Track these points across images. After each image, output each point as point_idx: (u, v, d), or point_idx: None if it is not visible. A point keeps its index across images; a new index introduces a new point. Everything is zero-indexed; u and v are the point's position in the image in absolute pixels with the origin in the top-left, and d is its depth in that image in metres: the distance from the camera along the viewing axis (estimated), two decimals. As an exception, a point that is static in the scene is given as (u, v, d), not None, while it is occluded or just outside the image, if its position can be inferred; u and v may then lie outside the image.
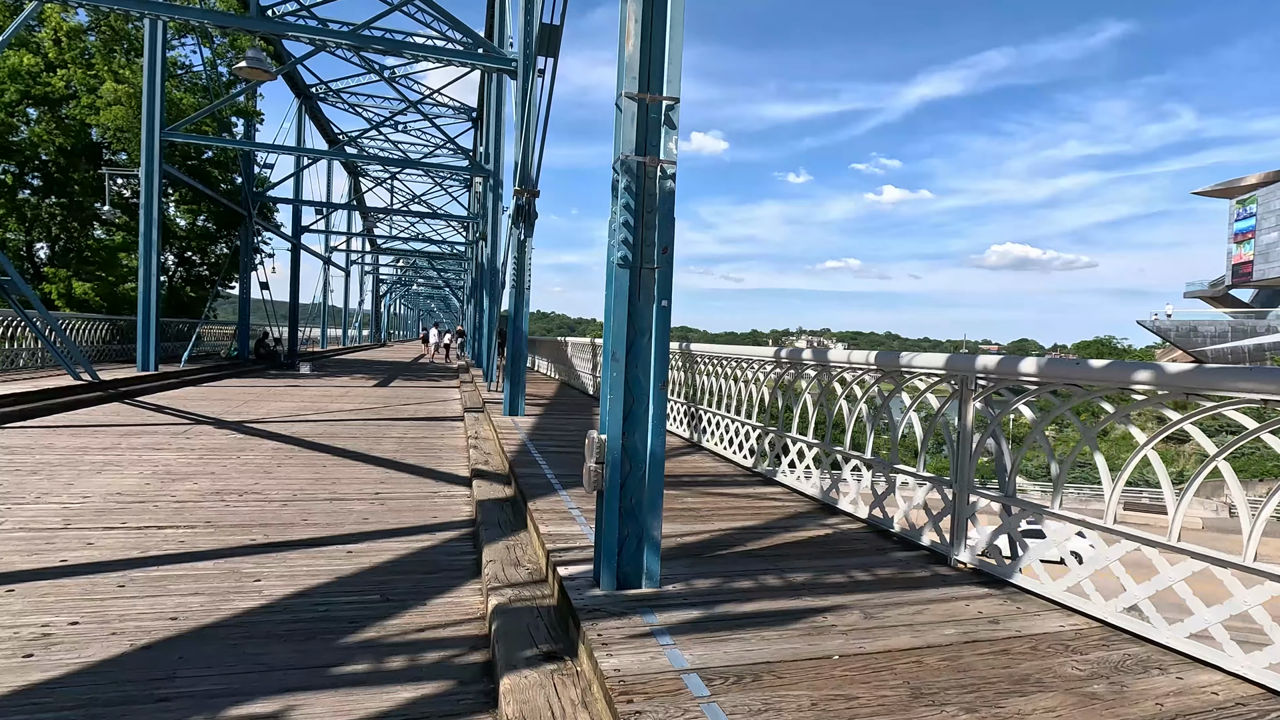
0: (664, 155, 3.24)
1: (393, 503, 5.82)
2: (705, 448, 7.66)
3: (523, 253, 9.62)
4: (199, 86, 19.04)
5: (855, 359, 4.83)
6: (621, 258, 3.18)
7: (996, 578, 3.54)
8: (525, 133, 9.40)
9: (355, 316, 48.51)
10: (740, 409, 6.80)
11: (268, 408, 11.78)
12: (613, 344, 3.20)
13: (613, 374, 3.20)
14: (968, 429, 3.74)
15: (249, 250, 21.01)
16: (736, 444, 6.83)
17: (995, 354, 34.64)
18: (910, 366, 4.24)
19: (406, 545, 4.69)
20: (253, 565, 4.14)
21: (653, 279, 3.25)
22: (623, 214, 3.19)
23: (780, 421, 6.01)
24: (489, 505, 5.35)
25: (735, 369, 6.94)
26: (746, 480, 6.08)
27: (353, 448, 8.33)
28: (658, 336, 3.26)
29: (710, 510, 4.94)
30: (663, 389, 3.27)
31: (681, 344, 8.49)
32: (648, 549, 3.27)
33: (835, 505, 4.99)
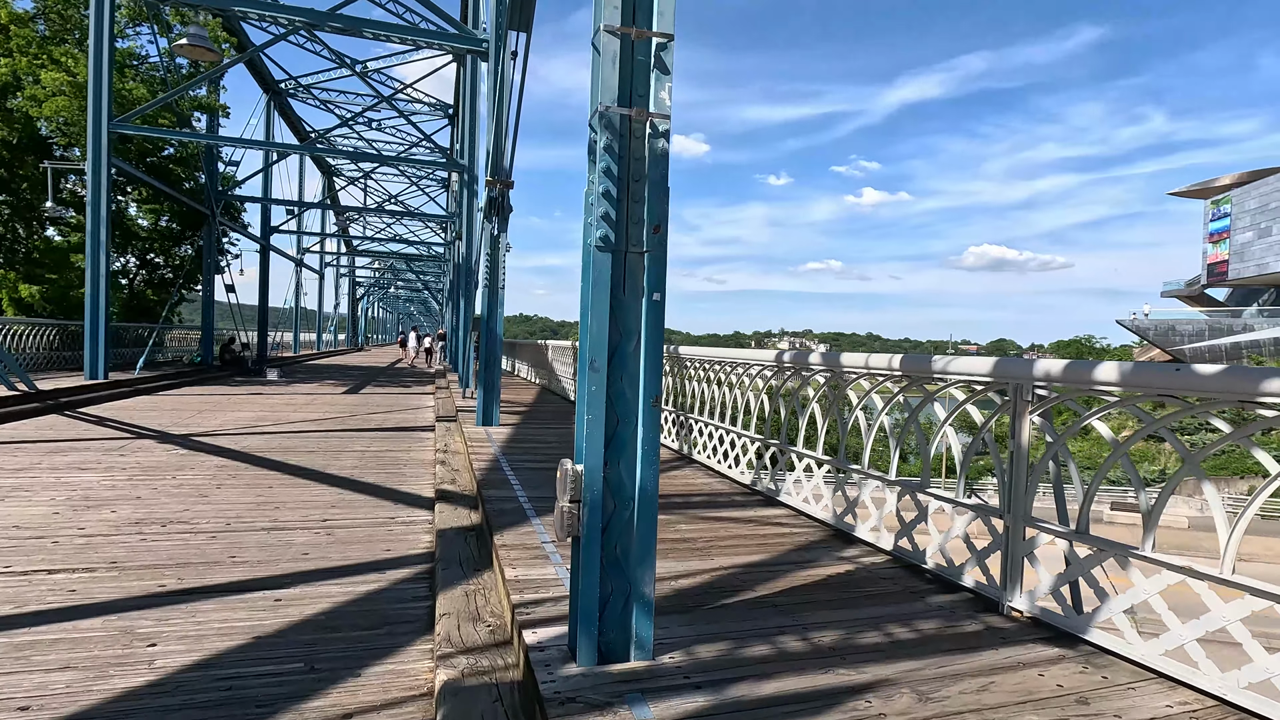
0: (654, 107, 2.54)
1: (341, 532, 5.06)
2: (697, 460, 6.97)
3: (496, 249, 8.88)
4: (156, 79, 18.04)
5: (875, 364, 4.17)
6: (601, 238, 2.48)
7: (1064, 632, 2.88)
8: (497, 120, 8.67)
9: (330, 320, 47.27)
10: (737, 418, 6.12)
11: (223, 418, 10.90)
12: (591, 349, 2.49)
13: (591, 387, 2.50)
14: (1023, 448, 3.08)
15: (212, 251, 20.00)
16: (733, 457, 6.15)
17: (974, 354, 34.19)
18: (946, 373, 3.58)
19: (349, 589, 3.94)
20: (152, 623, 3.38)
21: (641, 266, 2.55)
22: (602, 182, 2.49)
23: (784, 433, 5.34)
24: (451, 536, 4.62)
25: (731, 374, 6.27)
26: (746, 501, 5.40)
27: (308, 464, 7.53)
28: (648, 339, 2.56)
29: (708, 541, 4.25)
30: (655, 405, 2.58)
31: (670, 347, 7.80)
32: (638, 610, 2.57)
33: (852, 533, 4.32)
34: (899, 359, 3.95)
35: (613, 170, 2.49)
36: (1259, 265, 55.07)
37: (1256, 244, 55.33)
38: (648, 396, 2.56)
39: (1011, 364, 3.15)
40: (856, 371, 4.39)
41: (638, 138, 2.54)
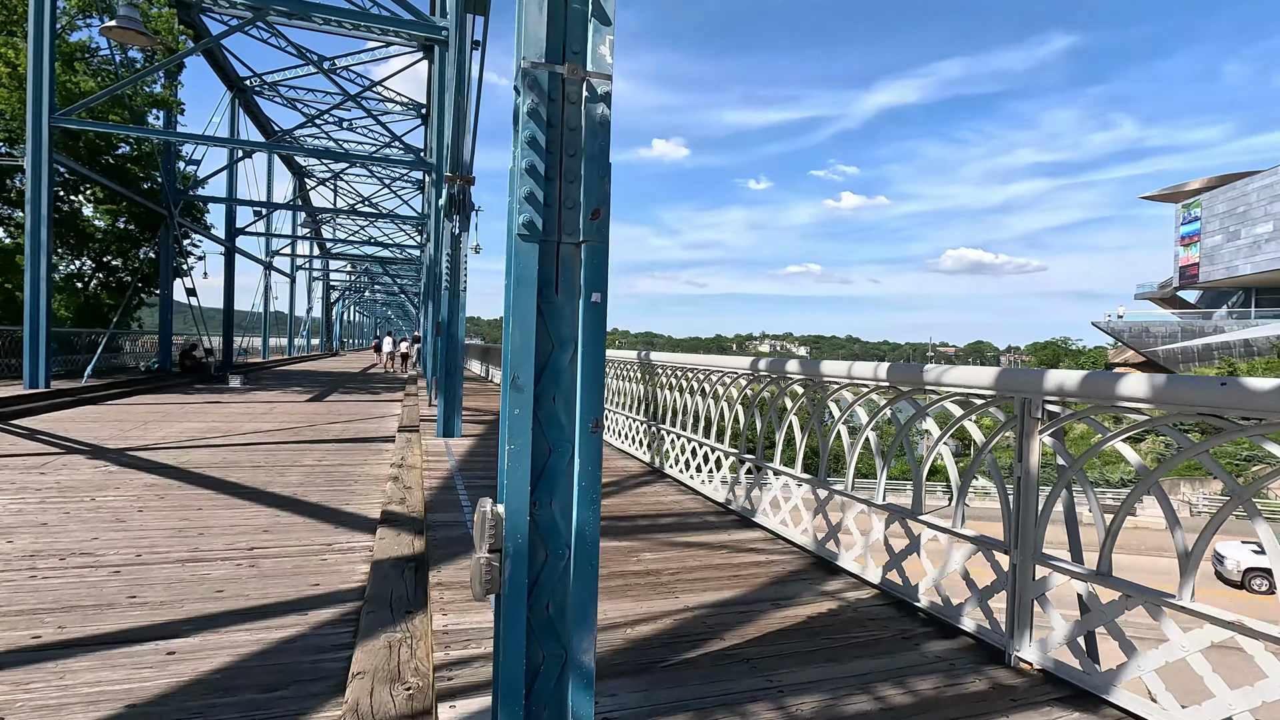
0: (593, 64, 2.07)
1: (268, 563, 4.51)
2: (669, 475, 6.50)
3: (457, 249, 8.36)
4: (109, 73, 17.22)
5: (859, 373, 3.73)
6: (526, 225, 2.01)
7: (1083, 690, 2.45)
8: (457, 111, 8.15)
9: (303, 324, 46.17)
10: (710, 430, 5.66)
11: (169, 430, 10.23)
12: (513, 363, 2.01)
13: (514, 410, 2.01)
14: (1031, 473, 2.65)
15: (170, 253, 19.16)
16: (706, 472, 5.69)
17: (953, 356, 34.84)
18: (940, 384, 3.14)
19: (260, 635, 3.41)
20: (6, 689, 2.83)
21: (577, 259, 2.08)
22: (527, 156, 2.01)
23: (759, 447, 4.89)
24: (386, 570, 4.10)
25: (704, 382, 5.81)
26: (719, 521, 4.94)
27: (249, 481, 6.94)
28: (586, 349, 2.08)
29: (674, 573, 3.78)
30: (596, 430, 2.10)
31: (641, 353, 7.33)
32: (574, 683, 2.09)
33: (835, 562, 3.88)
34: (885, 368, 3.52)
35: (540, 141, 2.01)
36: (1228, 268, 55.98)
37: (1226, 247, 56.25)
38: (586, 420, 2.08)
39: (1018, 375, 2.72)
40: (838, 381, 3.95)
41: (572, 102, 2.07)
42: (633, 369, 7.59)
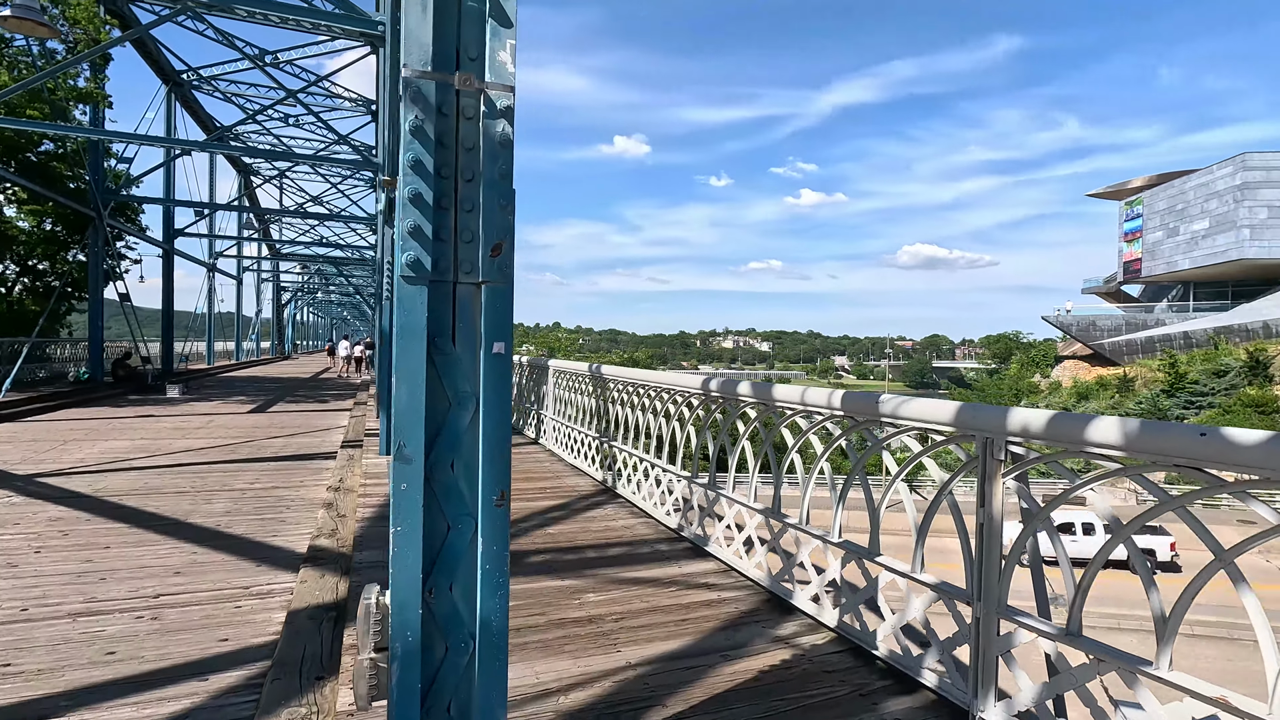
0: (491, 74, 1.76)
1: (174, 614, 4.08)
2: (620, 495, 6.22)
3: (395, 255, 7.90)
4: (27, 65, 16.12)
5: (813, 400, 3.49)
6: (411, 263, 1.69)
7: (1053, 758, 2.24)
8: (393, 111, 7.69)
9: (252, 327, 44.53)
10: (663, 450, 5.39)
11: (89, 450, 9.53)
12: (400, 427, 1.70)
13: (401, 485, 1.70)
14: (995, 519, 2.44)
15: (99, 256, 18.10)
16: (659, 495, 5.42)
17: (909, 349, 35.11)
18: (896, 417, 2.92)
19: (147, 712, 3.01)
20: None
21: (477, 302, 1.77)
22: (412, 182, 1.70)
23: (712, 473, 4.64)
24: (302, 622, 3.72)
25: (655, 399, 5.54)
26: (670, 551, 4.67)
27: (169, 510, 6.43)
28: (490, 408, 1.78)
29: (618, 619, 3.49)
30: (501, 503, 1.79)
31: (591, 366, 7.03)
32: (481, 800, 1.78)
33: (789, 600, 3.64)
34: (840, 396, 3.29)
35: (427, 165, 1.69)
36: (1168, 263, 58.25)
37: (1166, 243, 58.51)
38: (491, 490, 1.78)
39: (979, 412, 2.50)
40: (791, 407, 3.71)
41: (468, 118, 1.76)
42: (584, 382, 7.28)
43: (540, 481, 6.96)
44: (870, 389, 58.43)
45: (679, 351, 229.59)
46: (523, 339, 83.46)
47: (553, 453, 8.61)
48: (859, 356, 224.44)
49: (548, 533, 5.10)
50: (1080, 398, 53.62)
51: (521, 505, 5.93)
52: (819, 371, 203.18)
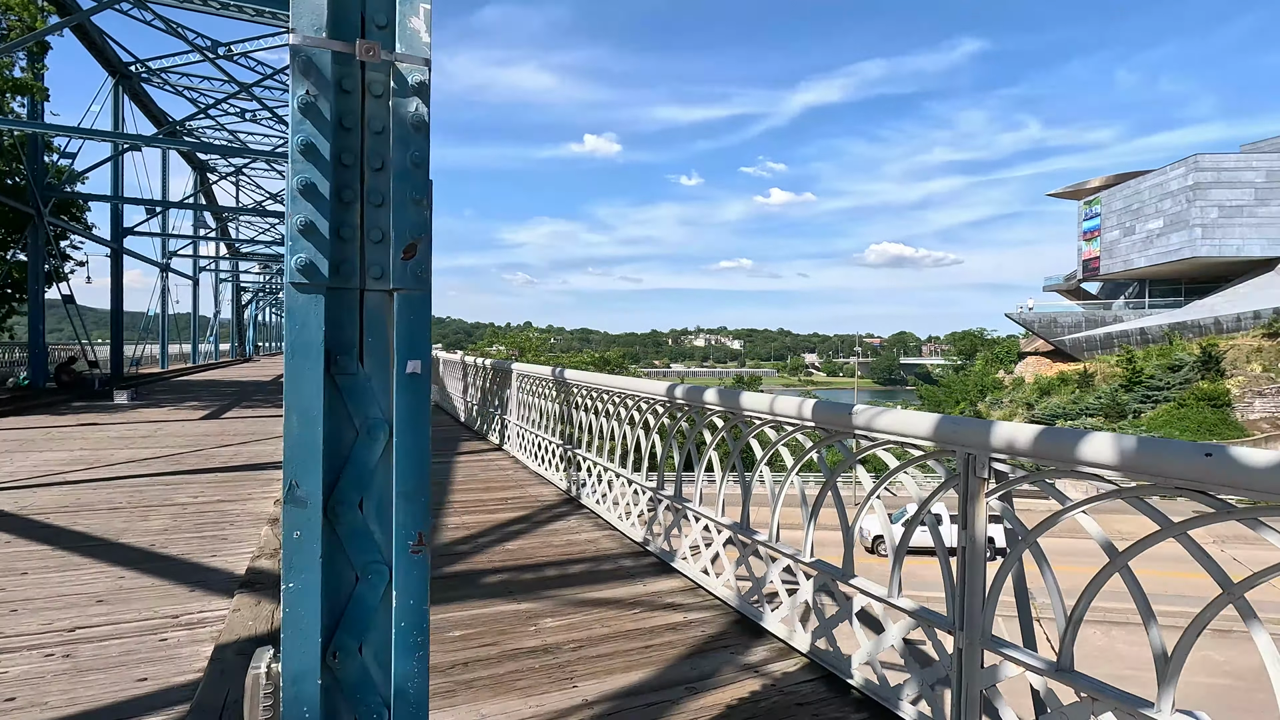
0: (403, 44, 1.50)
1: (89, 651, 3.71)
2: (585, 505, 5.96)
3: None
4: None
5: (782, 409, 3.28)
6: (303, 266, 1.42)
7: (1044, 804, 2.05)
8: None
9: (210, 329, 43.13)
10: (628, 459, 5.15)
11: (20, 464, 8.94)
12: (294, 461, 1.42)
13: (294, 533, 1.43)
14: (978, 542, 2.24)
15: (39, 256, 17.21)
16: (624, 506, 5.18)
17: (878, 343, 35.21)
18: (871, 429, 2.71)
19: (43, 771, 2.67)
20: None
21: (389, 313, 1.50)
22: (304, 170, 1.42)
23: (678, 485, 4.41)
24: (230, 658, 3.39)
25: (619, 406, 5.29)
26: (635, 567, 4.43)
27: (100, 529, 5.98)
28: (405, 436, 1.51)
29: (576, 648, 3.24)
30: (419, 549, 1.53)
31: (555, 369, 6.75)
32: None
33: (759, 622, 3.42)
34: (811, 406, 3.08)
35: (321, 150, 1.42)
36: (1125, 261, 59.86)
37: (1123, 241, 60.12)
38: (407, 534, 1.51)
39: (961, 426, 2.31)
40: (759, 417, 3.49)
41: (375, 96, 1.49)
42: (548, 386, 7.00)
43: (502, 491, 6.67)
44: (840, 386, 59.40)
45: (651, 350, 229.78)
46: (493, 339, 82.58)
47: (517, 459, 8.31)
48: (828, 354, 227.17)
49: (507, 549, 4.82)
50: (1042, 393, 54.76)
51: (481, 518, 5.64)
52: (789, 369, 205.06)
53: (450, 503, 6.17)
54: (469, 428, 11.28)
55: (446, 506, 6.03)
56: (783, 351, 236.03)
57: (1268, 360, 46.01)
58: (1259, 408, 43.91)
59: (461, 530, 5.25)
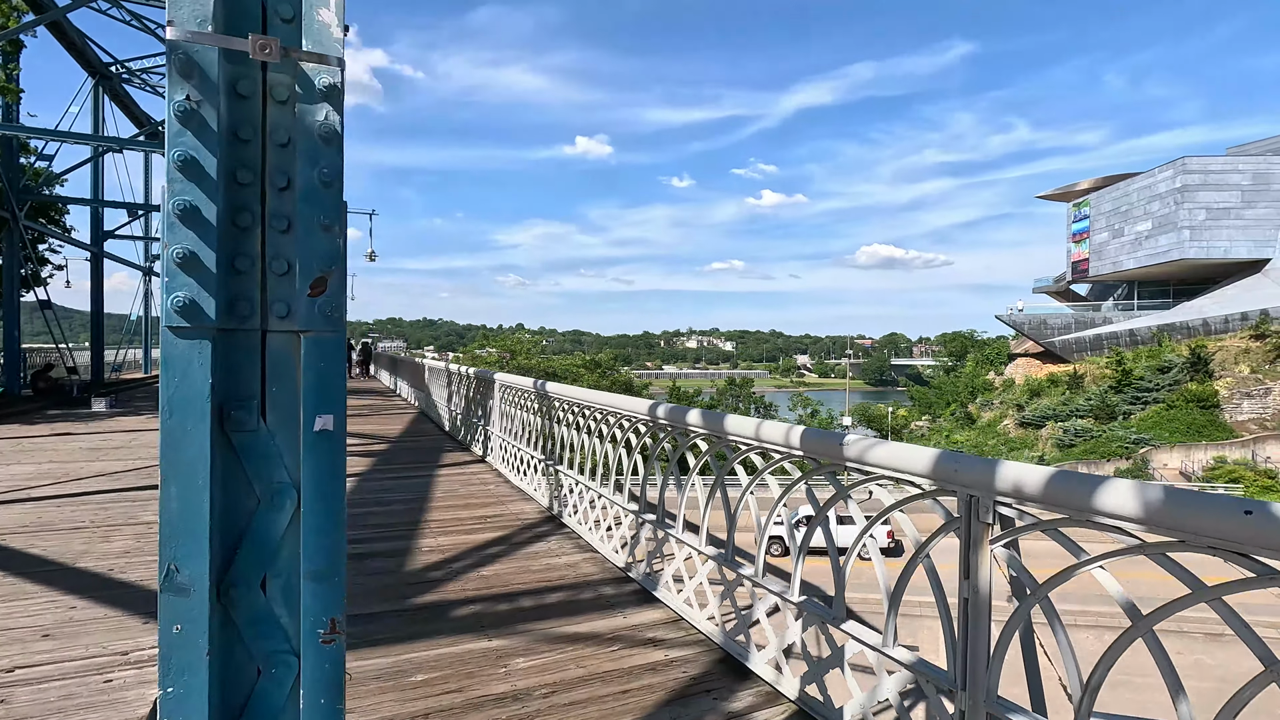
0: (309, 40, 1.26)
1: (25, 695, 3.45)
2: (566, 525, 5.73)
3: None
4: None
5: (769, 435, 3.06)
6: (184, 307, 1.18)
7: None
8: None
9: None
10: (609, 478, 4.93)
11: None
12: (173, 541, 1.19)
13: (176, 626, 1.19)
14: (981, 594, 2.03)
15: (15, 260, 16.82)
16: (605, 528, 4.95)
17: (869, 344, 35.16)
18: (863, 462, 2.50)
19: (-47, 845, 2.42)
20: None
21: (294, 358, 1.27)
22: (184, 191, 1.18)
23: (661, 508, 4.18)
24: (172, 706, 3.13)
25: (601, 423, 5.07)
26: (616, 596, 4.20)
27: (57, 552, 5.69)
28: (314, 504, 1.28)
29: (548, 692, 3.01)
30: (331, 638, 1.29)
31: (536, 381, 6.52)
32: None
33: (745, 662, 3.20)
34: (799, 433, 2.86)
35: (206, 166, 1.18)
36: (1114, 263, 60.15)
37: (1112, 243, 60.42)
38: (317, 619, 1.28)
39: (964, 465, 2.09)
40: (745, 442, 3.27)
41: (279, 101, 1.25)
42: (529, 398, 6.76)
43: (481, 509, 6.42)
44: (832, 387, 59.45)
45: (643, 352, 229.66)
46: (483, 342, 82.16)
47: (499, 473, 8.06)
48: (820, 355, 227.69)
49: (482, 575, 4.58)
50: (1032, 394, 54.91)
51: (457, 539, 5.39)
52: (782, 370, 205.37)
53: (427, 522, 5.92)
54: (453, 437, 11.02)
55: (423, 526, 5.78)
56: (775, 353, 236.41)
57: (1255, 362, 46.30)
58: (1247, 409, 44.17)
59: (436, 554, 5.00)
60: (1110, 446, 43.53)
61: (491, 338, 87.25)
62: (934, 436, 58.69)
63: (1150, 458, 41.19)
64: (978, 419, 59.00)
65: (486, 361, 63.93)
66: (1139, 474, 39.59)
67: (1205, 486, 35.53)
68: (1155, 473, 39.82)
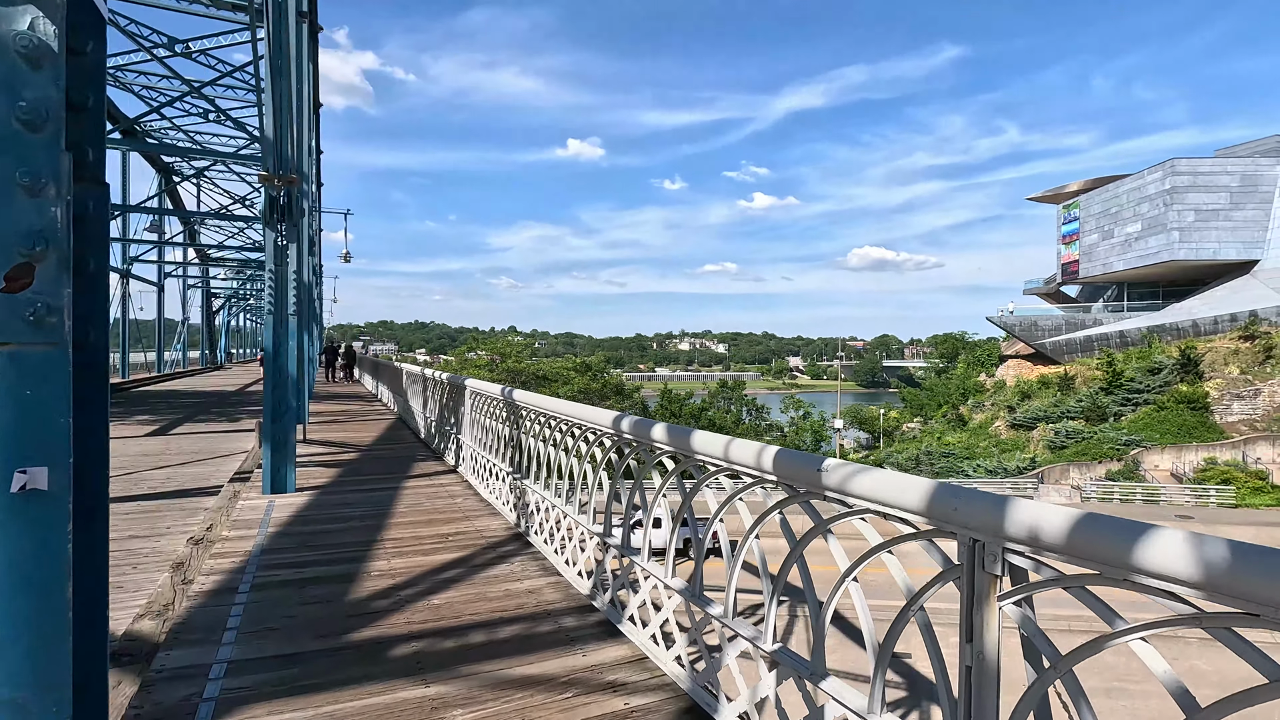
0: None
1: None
2: (532, 545, 5.32)
3: (283, 264, 6.85)
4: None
5: (738, 456, 2.66)
6: None
7: None
8: (277, 96, 6.65)
9: (178, 336, 41.86)
10: (574, 496, 4.53)
11: (-76, 492, 8.13)
12: None
13: None
14: (987, 659, 1.64)
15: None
16: (571, 549, 4.55)
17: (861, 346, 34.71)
18: (845, 492, 2.10)
19: None
20: None
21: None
22: None
23: (626, 533, 3.79)
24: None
25: (566, 435, 4.67)
26: (577, 629, 3.79)
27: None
28: (11, 617, 0.87)
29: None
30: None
31: (504, 389, 6.11)
32: None
33: (714, 715, 2.80)
34: (772, 455, 2.46)
35: None
36: (1104, 264, 60.25)
37: (1101, 245, 60.52)
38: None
39: (966, 502, 1.70)
40: (713, 463, 2.87)
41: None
42: (498, 407, 6.35)
43: (445, 525, 6.00)
44: (824, 389, 59.14)
45: (636, 354, 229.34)
46: (473, 344, 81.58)
47: (469, 485, 7.64)
48: (812, 357, 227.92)
49: (433, 604, 4.16)
50: (1024, 396, 54.84)
51: (413, 561, 4.97)
52: (774, 372, 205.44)
53: (384, 541, 5.49)
54: (428, 445, 10.59)
55: (378, 545, 5.35)
56: (767, 355, 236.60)
57: (1245, 363, 46.37)
58: (1237, 410, 44.19)
59: (386, 579, 4.58)
60: (1102, 448, 43.42)
61: (483, 341, 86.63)
62: (926, 438, 58.53)
63: (1141, 459, 41.11)
64: (969, 421, 58.90)
65: (476, 365, 63.34)
66: (1130, 475, 39.50)
67: (1197, 487, 35.44)
68: (1146, 474, 39.73)
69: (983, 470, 45.38)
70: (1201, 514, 32.07)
